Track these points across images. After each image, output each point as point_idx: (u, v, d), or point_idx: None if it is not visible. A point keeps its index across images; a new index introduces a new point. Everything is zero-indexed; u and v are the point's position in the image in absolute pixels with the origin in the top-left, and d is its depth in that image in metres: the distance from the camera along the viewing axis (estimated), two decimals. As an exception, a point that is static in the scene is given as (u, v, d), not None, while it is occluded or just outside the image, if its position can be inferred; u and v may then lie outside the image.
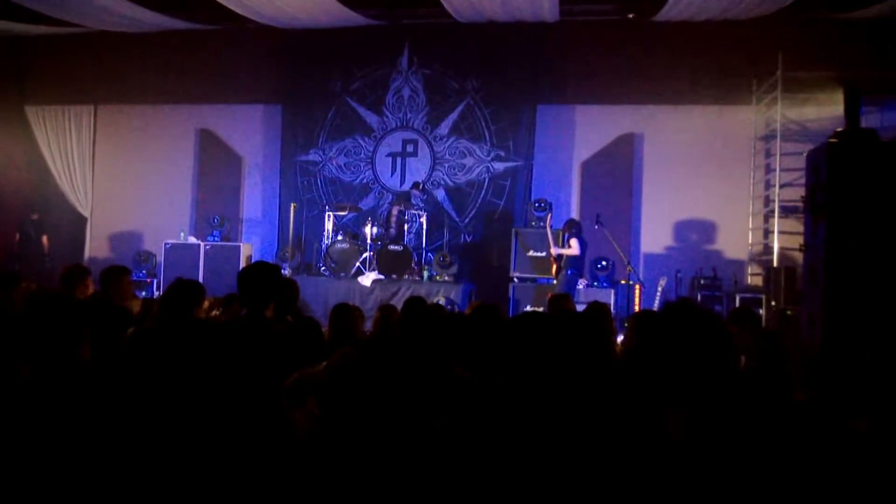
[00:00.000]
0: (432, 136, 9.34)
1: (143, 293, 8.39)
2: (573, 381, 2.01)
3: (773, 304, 7.37)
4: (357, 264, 8.27)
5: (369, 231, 8.30)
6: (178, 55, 9.57)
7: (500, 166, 9.12)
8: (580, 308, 4.72)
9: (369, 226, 8.32)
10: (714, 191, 8.45)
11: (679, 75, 8.45)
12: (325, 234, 8.71)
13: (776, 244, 7.73)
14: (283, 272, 7.38)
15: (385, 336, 3.16)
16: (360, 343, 3.33)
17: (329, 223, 8.71)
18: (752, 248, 8.51)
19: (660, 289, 7.64)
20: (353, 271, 8.24)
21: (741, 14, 7.53)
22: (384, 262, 8.06)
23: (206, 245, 8.89)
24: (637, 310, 7.65)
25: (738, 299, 7.67)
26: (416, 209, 8.57)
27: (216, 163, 9.91)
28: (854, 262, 5.04)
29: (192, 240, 9.08)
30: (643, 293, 7.84)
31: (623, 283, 7.99)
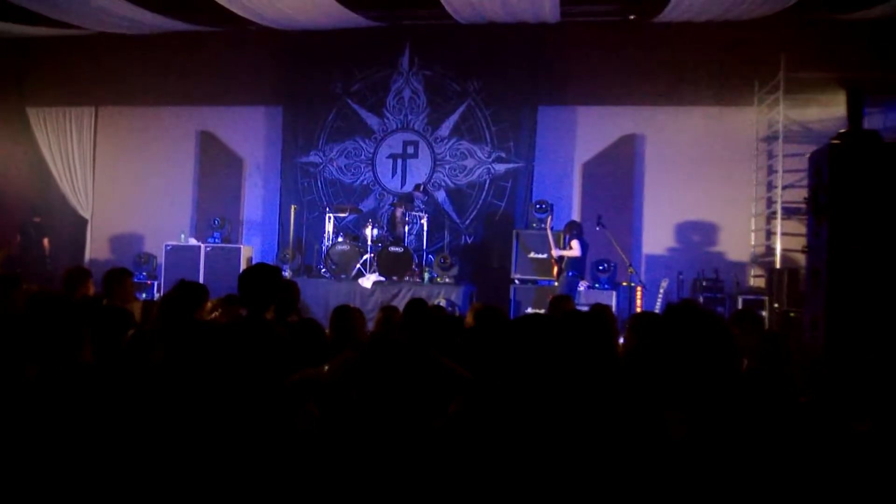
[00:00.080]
0: (433, 137, 9.33)
1: (144, 295, 8.38)
2: (574, 382, 1.99)
3: (776, 305, 7.35)
4: (357, 266, 8.26)
5: (370, 233, 8.29)
6: (179, 57, 9.57)
7: (500, 168, 9.11)
8: (582, 310, 4.69)
9: (370, 227, 8.31)
10: (716, 192, 8.43)
11: (680, 76, 8.43)
12: (326, 235, 8.69)
13: (779, 246, 7.71)
14: (284, 274, 7.37)
15: (385, 338, 3.15)
16: (362, 345, 3.32)
17: (329, 225, 8.70)
18: (754, 250, 8.49)
19: (661, 291, 7.63)
20: (353, 273, 8.22)
21: (743, 15, 7.52)
22: (385, 263, 8.05)
23: (207, 247, 8.88)
24: (638, 311, 7.65)
25: (740, 301, 7.65)
26: (418, 211, 8.56)
27: (217, 165, 9.91)
28: (857, 264, 5.02)
29: (193, 241, 9.07)
30: (645, 295, 7.83)
31: (624, 284, 7.97)
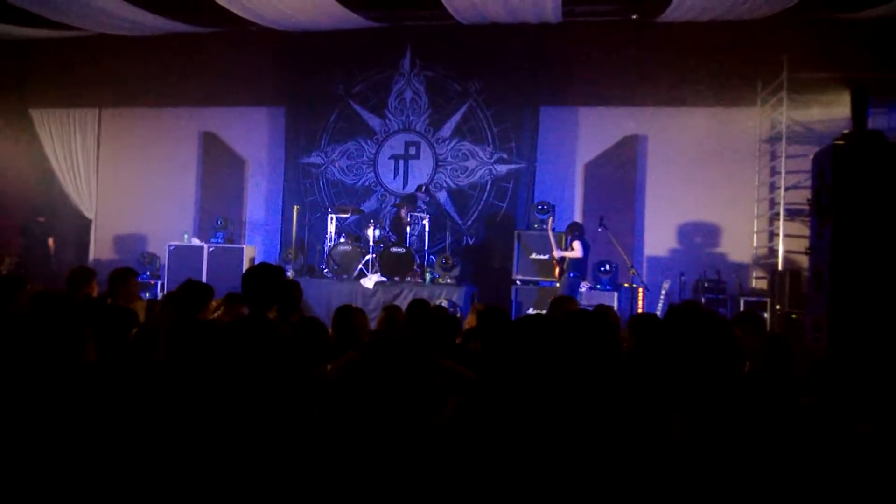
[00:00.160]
0: (434, 138, 9.33)
1: (147, 295, 8.40)
2: (577, 382, 1.99)
3: (778, 307, 7.33)
4: (359, 266, 8.26)
5: (371, 233, 8.29)
6: (181, 58, 9.59)
7: (502, 168, 9.10)
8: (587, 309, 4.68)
9: (371, 228, 8.32)
10: (718, 193, 8.42)
11: (683, 77, 8.41)
12: (328, 236, 8.70)
13: (781, 247, 7.69)
14: (287, 274, 7.37)
15: (386, 339, 3.16)
16: (364, 345, 3.32)
17: (331, 225, 8.70)
18: (756, 251, 8.47)
19: (663, 292, 7.61)
20: (355, 273, 8.23)
21: (745, 15, 7.51)
22: (386, 264, 8.05)
23: (210, 247, 8.89)
24: (639, 312, 7.64)
25: (742, 303, 7.64)
26: (420, 211, 8.56)
27: (219, 165, 9.93)
28: (860, 265, 5.00)
29: (196, 242, 9.09)
30: (646, 296, 7.82)
31: (626, 286, 7.96)
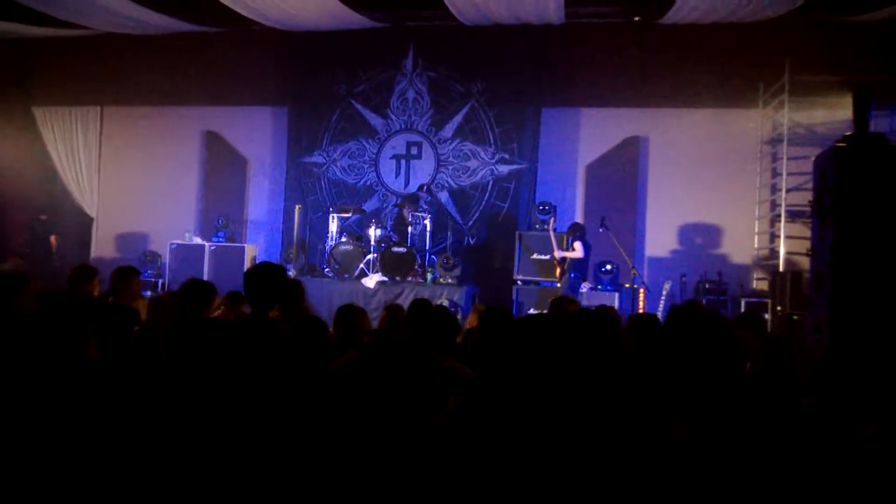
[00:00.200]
0: (436, 138, 9.33)
1: (149, 293, 8.41)
2: (579, 382, 2.00)
3: (779, 308, 7.33)
4: (361, 266, 8.27)
5: (373, 233, 8.30)
6: (184, 57, 9.59)
7: (504, 169, 9.11)
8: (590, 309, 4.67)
9: (373, 227, 8.33)
10: (720, 195, 8.42)
11: (685, 78, 8.41)
12: (329, 235, 8.71)
13: (782, 249, 7.69)
14: (288, 273, 7.37)
15: (386, 339, 3.16)
16: (364, 345, 3.33)
17: (333, 225, 8.71)
18: (757, 253, 8.47)
19: (664, 293, 7.61)
20: (356, 273, 8.24)
21: (748, 17, 7.50)
22: (388, 263, 8.06)
23: (212, 246, 8.91)
24: (639, 313, 7.64)
25: (743, 304, 7.64)
26: (422, 211, 8.57)
27: (221, 164, 9.94)
28: (862, 267, 5.01)
29: (198, 240, 9.11)
30: (647, 297, 7.82)
31: (627, 286, 7.96)
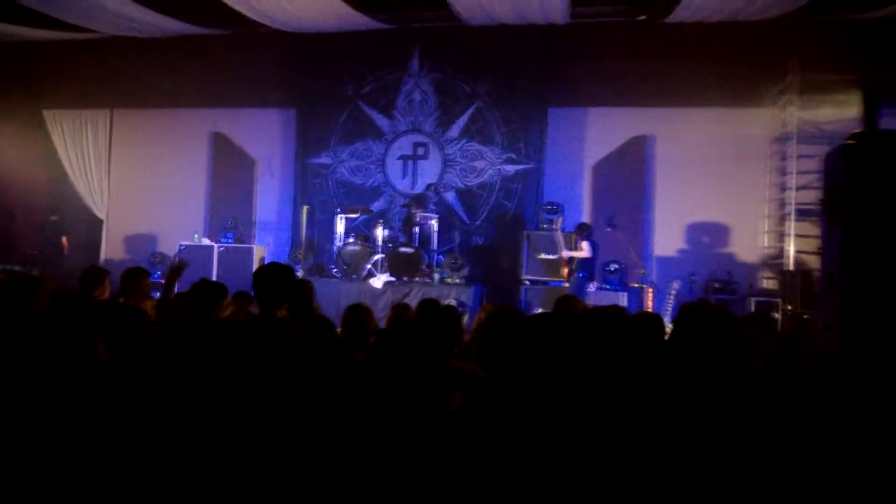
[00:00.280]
0: (443, 138, 9.34)
1: (158, 294, 8.45)
2: (591, 382, 1.99)
3: (788, 308, 7.29)
4: (368, 266, 8.29)
5: (380, 233, 8.32)
6: (192, 60, 9.64)
7: (511, 169, 9.10)
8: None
9: (380, 228, 8.35)
10: (727, 193, 8.38)
11: (692, 77, 8.37)
12: (337, 236, 8.73)
13: (791, 248, 7.65)
14: (297, 274, 7.40)
15: (393, 339, 3.17)
16: (370, 346, 3.34)
17: (341, 225, 8.74)
18: (765, 252, 8.43)
19: (672, 292, 7.58)
20: (364, 273, 8.26)
21: (755, 15, 7.47)
22: (395, 264, 8.07)
23: (220, 247, 8.95)
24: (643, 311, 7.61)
25: (752, 303, 7.60)
26: (429, 211, 8.57)
27: (229, 166, 9.99)
28: (872, 265, 4.97)
29: (206, 241, 9.16)
30: (655, 296, 7.79)
31: (635, 286, 7.94)
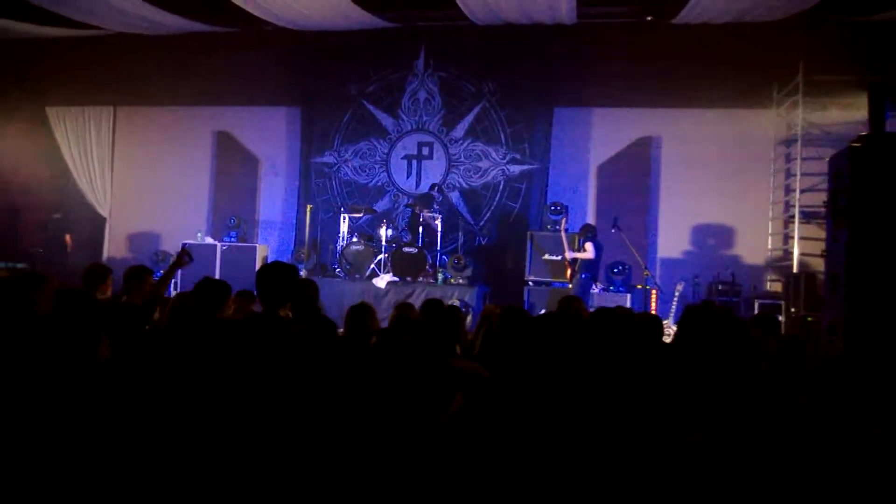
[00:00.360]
0: (448, 138, 9.32)
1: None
2: (598, 382, 1.98)
3: (793, 310, 7.26)
4: (372, 266, 8.28)
5: (384, 233, 8.31)
6: (196, 58, 9.64)
7: (515, 169, 9.08)
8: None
9: (384, 228, 8.34)
10: (733, 195, 8.35)
11: (698, 78, 8.34)
12: (341, 235, 8.72)
13: (796, 250, 7.62)
14: (300, 273, 7.39)
15: (395, 339, 3.17)
16: (373, 345, 3.33)
17: (344, 225, 8.73)
18: (770, 254, 8.39)
19: (677, 294, 7.55)
20: (367, 273, 8.25)
21: (761, 17, 7.44)
22: (399, 264, 8.06)
23: (223, 246, 8.95)
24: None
25: (756, 305, 7.57)
26: (433, 211, 8.56)
27: (233, 164, 9.99)
28: (878, 268, 4.95)
29: (209, 240, 9.15)
30: (660, 298, 7.77)
31: (639, 287, 7.92)
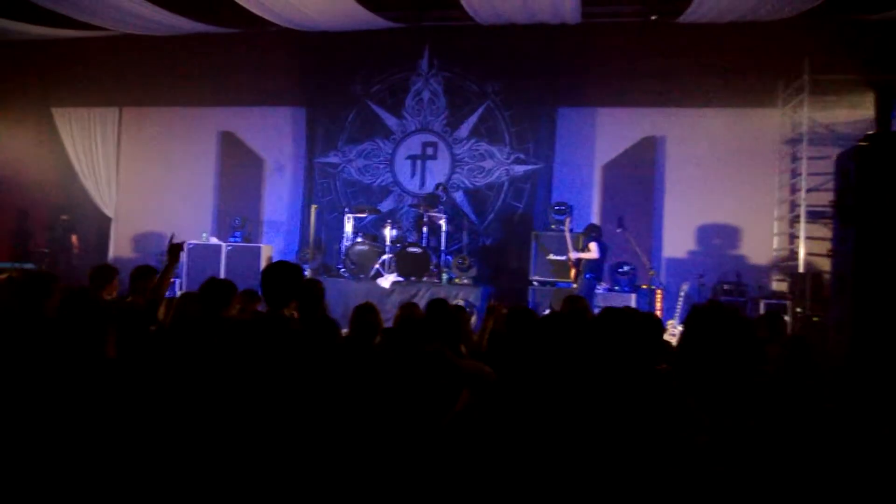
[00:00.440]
0: (452, 138, 9.32)
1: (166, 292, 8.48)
2: (604, 383, 1.97)
3: (799, 310, 7.23)
4: (376, 266, 8.28)
5: (388, 233, 8.32)
6: (201, 58, 9.66)
7: (520, 169, 9.07)
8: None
9: (388, 228, 8.34)
10: (738, 195, 8.32)
11: (703, 77, 8.30)
12: (345, 235, 8.73)
13: (802, 250, 7.58)
14: (304, 273, 7.40)
15: (397, 338, 3.16)
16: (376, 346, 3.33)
17: (349, 225, 8.73)
18: (776, 254, 8.36)
19: (682, 294, 7.53)
20: (372, 273, 8.25)
21: (766, 16, 7.40)
22: (403, 264, 8.06)
23: (228, 246, 8.97)
24: (658, 315, 7.58)
25: (762, 305, 7.54)
26: (438, 211, 8.55)
27: (238, 165, 10.01)
28: (884, 269, 4.92)
29: (214, 241, 9.17)
30: (665, 298, 7.75)
31: (644, 287, 7.90)
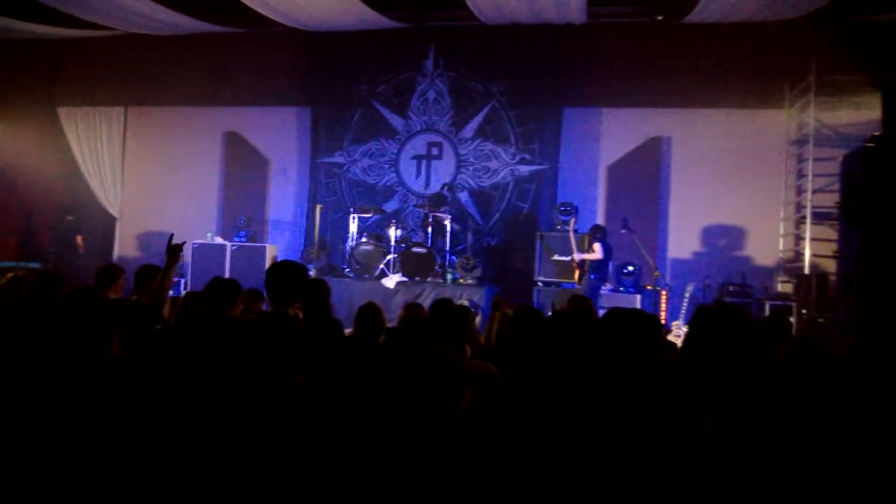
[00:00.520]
0: (457, 138, 9.32)
1: (171, 292, 8.50)
2: (609, 382, 1.97)
3: (804, 311, 7.20)
4: (381, 266, 8.29)
5: (393, 233, 8.32)
6: (206, 58, 9.70)
7: (525, 169, 9.06)
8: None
9: (393, 228, 8.35)
10: (744, 196, 8.29)
11: (708, 78, 8.28)
12: (350, 235, 8.74)
13: (808, 251, 7.55)
14: (309, 273, 7.41)
15: (402, 338, 3.17)
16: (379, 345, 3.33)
17: (353, 225, 8.75)
18: (782, 255, 8.33)
19: (687, 295, 7.51)
20: (376, 273, 8.26)
21: (772, 17, 7.38)
22: (408, 264, 8.07)
23: (233, 246, 8.99)
24: (663, 316, 7.57)
25: (767, 306, 7.52)
26: (443, 212, 8.55)
27: (242, 164, 10.03)
28: (890, 270, 4.90)
29: (219, 240, 9.20)
30: (670, 299, 7.73)
31: (649, 288, 7.88)
